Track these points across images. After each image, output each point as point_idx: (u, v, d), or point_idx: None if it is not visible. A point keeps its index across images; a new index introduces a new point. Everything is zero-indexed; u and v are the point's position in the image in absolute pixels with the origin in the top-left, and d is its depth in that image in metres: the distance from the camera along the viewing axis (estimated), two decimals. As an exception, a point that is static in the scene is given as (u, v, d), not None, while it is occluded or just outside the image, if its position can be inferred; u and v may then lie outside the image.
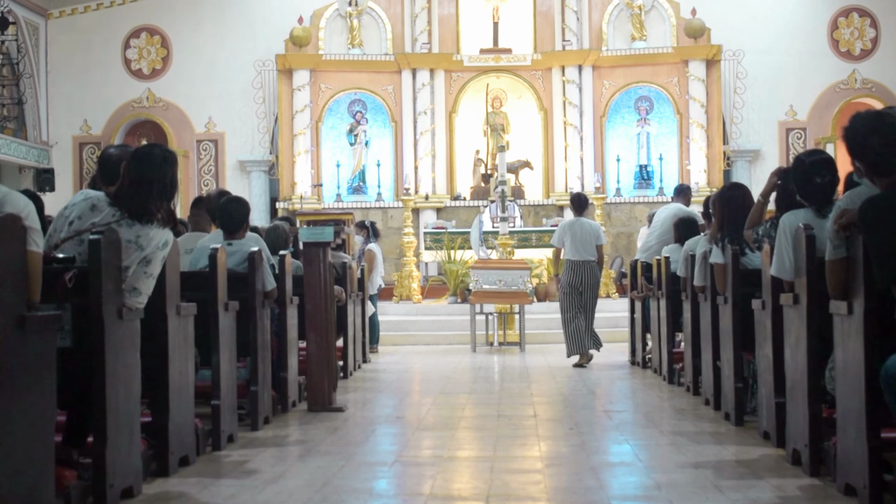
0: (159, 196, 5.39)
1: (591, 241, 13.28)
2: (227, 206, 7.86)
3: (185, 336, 5.99)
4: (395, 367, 13.56)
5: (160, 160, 5.46)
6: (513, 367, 13.41)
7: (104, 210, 5.34)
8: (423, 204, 22.57)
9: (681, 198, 13.47)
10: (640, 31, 23.00)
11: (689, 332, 9.55)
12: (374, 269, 15.78)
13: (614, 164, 22.93)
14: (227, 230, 7.83)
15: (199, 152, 23.69)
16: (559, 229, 13.62)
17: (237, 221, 7.84)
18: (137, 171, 5.38)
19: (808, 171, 6.15)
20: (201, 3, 23.69)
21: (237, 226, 7.83)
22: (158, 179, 5.40)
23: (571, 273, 13.20)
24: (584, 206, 13.69)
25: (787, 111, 23.57)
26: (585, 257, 13.23)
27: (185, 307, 5.95)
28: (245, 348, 7.45)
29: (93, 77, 23.51)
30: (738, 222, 7.56)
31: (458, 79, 23.29)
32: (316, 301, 8.39)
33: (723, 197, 7.92)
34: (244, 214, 7.91)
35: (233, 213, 7.84)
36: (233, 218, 7.83)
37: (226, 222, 7.83)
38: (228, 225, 7.83)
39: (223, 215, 7.85)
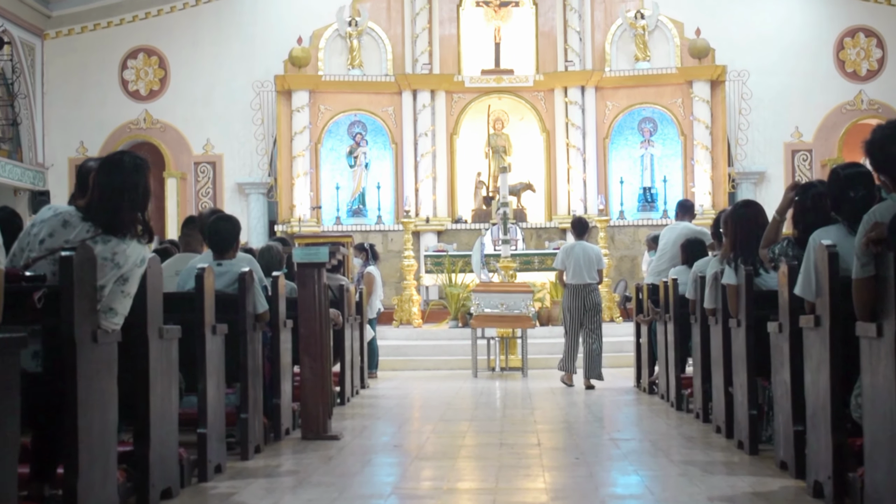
0: (131, 206, 5.05)
1: (592, 265, 13.55)
2: (216, 225, 7.52)
3: (169, 360, 5.64)
4: (394, 393, 13.21)
5: (131, 168, 5.13)
6: (515, 392, 13.07)
7: (77, 226, 5.00)
8: (424, 227, 22.23)
9: (686, 215, 13.12)
10: (644, 51, 22.71)
11: (698, 356, 9.21)
12: (373, 293, 15.46)
13: (618, 186, 22.61)
14: (216, 250, 7.50)
15: (197, 174, 23.37)
16: (561, 253, 13.80)
17: (227, 241, 7.49)
18: (107, 181, 5.05)
19: (842, 183, 5.80)
20: (200, 23, 23.42)
21: (227, 245, 7.49)
22: (130, 188, 5.07)
23: (573, 297, 13.49)
24: (585, 230, 13.99)
25: (793, 132, 23.26)
26: (587, 281, 13.47)
27: (169, 330, 5.61)
28: (235, 373, 7.11)
29: (89, 98, 23.22)
30: (752, 241, 7.23)
31: (459, 100, 22.98)
32: (310, 324, 8.05)
33: (735, 215, 7.58)
34: (234, 233, 7.56)
35: (222, 231, 7.50)
36: (222, 237, 7.49)
37: (215, 242, 7.49)
38: (218, 244, 7.49)
39: (212, 234, 7.52)
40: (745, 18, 23.27)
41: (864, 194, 5.77)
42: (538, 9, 23.15)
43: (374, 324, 15.59)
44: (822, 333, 5.37)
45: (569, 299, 13.52)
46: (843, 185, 5.81)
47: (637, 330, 13.20)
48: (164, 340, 5.52)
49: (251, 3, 23.48)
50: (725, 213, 8.06)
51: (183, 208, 22.66)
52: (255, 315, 7.38)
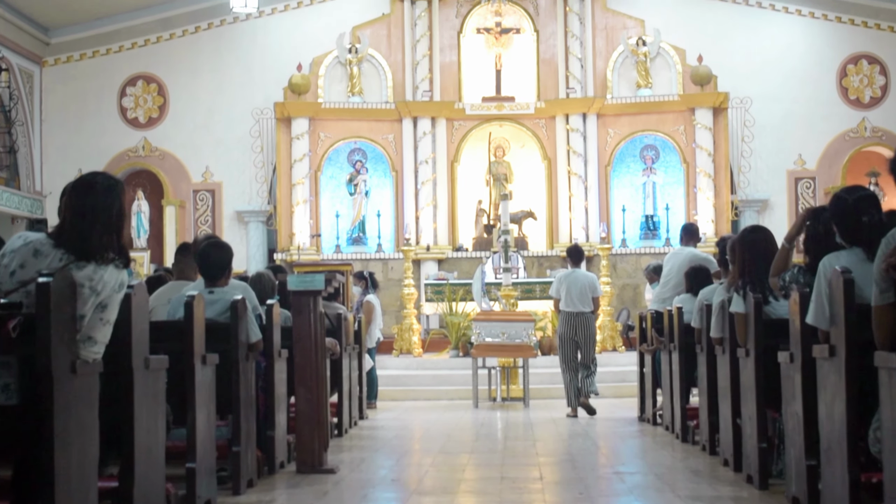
0: (104, 229, 4.81)
1: (586, 293, 13.60)
2: (207, 252, 7.30)
3: (155, 392, 5.41)
4: (393, 424, 12.96)
5: (104, 189, 4.89)
6: (516, 423, 12.82)
7: (49, 254, 4.76)
8: (425, 255, 22.01)
9: (691, 240, 12.87)
10: (646, 78, 22.55)
11: (704, 386, 8.97)
12: (373, 322, 15.24)
13: (620, 214, 22.39)
14: (208, 277, 7.27)
15: (196, 202, 23.17)
16: (556, 281, 13.91)
17: (218, 268, 7.27)
18: (79, 203, 4.83)
19: (853, 209, 5.60)
20: (199, 50, 23.29)
21: (219, 272, 7.27)
22: (103, 210, 4.83)
23: (566, 325, 13.54)
24: (581, 258, 14.21)
25: (796, 160, 23.07)
26: (581, 309, 13.52)
27: (155, 360, 5.37)
28: (227, 405, 6.88)
29: (88, 125, 23.07)
30: (761, 268, 7.01)
31: (459, 127, 22.80)
32: (306, 354, 7.82)
33: (744, 241, 7.35)
34: (226, 260, 7.34)
35: (213, 258, 7.28)
36: (213, 264, 7.26)
37: (206, 269, 7.27)
38: (209, 272, 7.27)
39: (202, 261, 7.29)
40: (748, 45, 23.13)
41: (878, 217, 5.58)
42: (539, 36, 23.02)
43: (373, 353, 15.36)
44: (837, 364, 5.15)
45: (562, 327, 13.61)
46: (854, 211, 5.62)
47: (640, 359, 12.96)
48: (150, 371, 5.29)
49: (251, 30, 23.36)
50: (733, 238, 7.83)
51: (181, 236, 22.44)
52: (249, 344, 7.15)
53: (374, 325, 15.31)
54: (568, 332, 13.48)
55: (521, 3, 23.12)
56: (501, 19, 23.11)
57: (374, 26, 22.99)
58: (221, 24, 23.37)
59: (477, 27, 23.22)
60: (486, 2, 23.03)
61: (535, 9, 23.16)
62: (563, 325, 13.55)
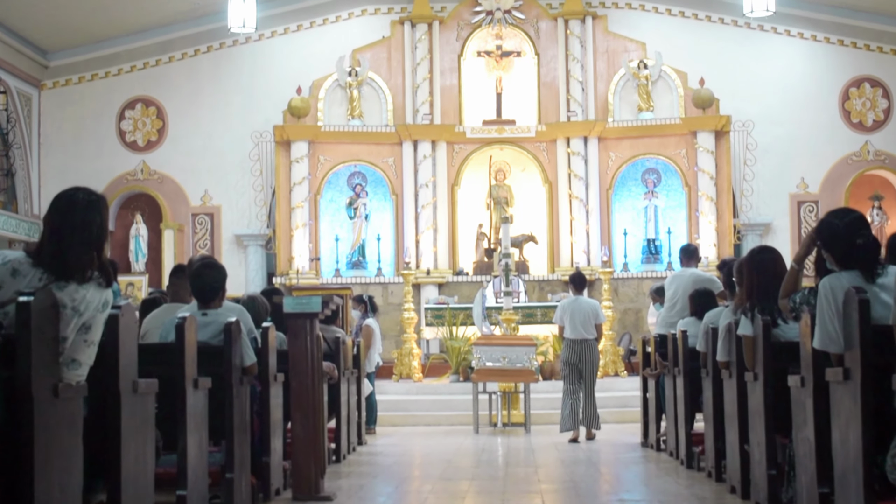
0: (84, 247, 4.63)
1: (590, 320, 13.73)
2: (200, 273, 7.11)
3: (144, 417, 5.22)
4: (392, 450, 12.74)
5: (84, 205, 4.71)
6: (518, 449, 12.62)
7: (28, 274, 4.57)
8: (425, 279, 21.82)
9: (691, 261, 12.70)
10: (647, 101, 22.41)
11: (710, 412, 8.77)
12: (372, 346, 15.05)
13: (621, 238, 22.20)
14: (201, 299, 7.08)
15: (195, 226, 23.00)
16: (559, 309, 13.99)
17: (211, 289, 7.08)
18: (58, 219, 4.65)
19: (845, 233, 5.48)
20: (198, 73, 23.16)
21: (212, 294, 7.08)
22: (82, 227, 4.65)
23: (570, 351, 13.67)
24: (584, 285, 14.17)
25: (799, 183, 22.90)
26: (584, 335, 13.66)
27: (144, 384, 5.19)
28: (220, 430, 6.68)
29: (86, 149, 22.90)
30: (770, 290, 6.82)
31: (460, 150, 22.64)
32: (302, 378, 7.62)
33: (752, 262, 7.17)
34: (220, 281, 7.15)
35: (206, 279, 7.09)
36: (206, 285, 7.07)
37: (199, 291, 7.08)
38: (202, 294, 7.08)
39: (195, 283, 7.11)
40: (750, 68, 22.99)
41: (872, 238, 5.48)
42: (540, 59, 22.89)
43: (372, 378, 15.16)
44: (851, 387, 4.96)
45: (566, 353, 13.71)
46: (846, 235, 5.52)
47: (644, 384, 12.77)
48: (138, 395, 5.10)
49: (250, 53, 23.24)
50: (740, 260, 7.64)
51: (180, 260, 22.16)
52: (243, 368, 6.97)
53: (373, 350, 15.11)
54: (571, 358, 13.60)
55: (522, 26, 23.00)
56: (502, 42, 23.00)
57: (375, 49, 22.87)
58: (221, 48, 23.25)
59: (477, 50, 23.09)
60: (486, 25, 22.93)
61: (535, 32, 23.04)
62: (567, 352, 13.67)
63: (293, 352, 7.67)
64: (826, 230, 5.64)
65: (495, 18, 22.90)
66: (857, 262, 5.43)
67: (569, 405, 13.48)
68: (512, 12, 22.92)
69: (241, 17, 19.28)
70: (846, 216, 5.65)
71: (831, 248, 5.60)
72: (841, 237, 5.53)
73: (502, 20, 22.90)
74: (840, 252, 5.54)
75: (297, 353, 7.64)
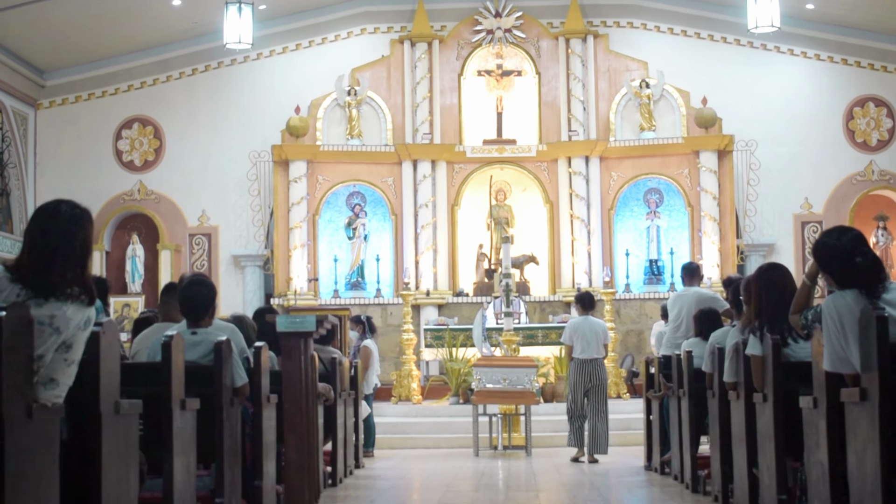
0: (64, 262, 4.40)
1: (599, 340, 13.80)
2: (188, 291, 6.87)
3: (127, 439, 4.98)
4: (390, 474, 12.48)
5: (67, 219, 4.49)
6: (518, 473, 12.36)
7: (5, 289, 4.36)
8: (424, 300, 21.57)
9: (694, 279, 12.46)
10: (649, 120, 22.21)
11: (716, 434, 8.52)
12: (370, 368, 14.80)
13: (623, 258, 21.99)
14: (189, 317, 6.84)
15: (192, 246, 22.78)
16: (568, 328, 13.99)
17: (201, 307, 6.84)
18: (40, 234, 4.44)
19: (844, 252, 5.30)
20: (196, 93, 22.99)
21: (201, 312, 6.84)
22: (65, 242, 4.42)
23: (580, 372, 13.65)
24: (592, 305, 14.09)
25: (802, 203, 22.69)
26: (594, 355, 13.70)
27: (127, 405, 4.95)
28: (209, 453, 6.43)
29: (82, 168, 22.69)
30: (779, 308, 6.59)
31: (460, 170, 22.43)
32: (295, 399, 7.39)
33: (760, 279, 6.94)
34: (209, 299, 6.91)
35: (195, 297, 6.85)
36: (195, 303, 6.83)
37: (188, 309, 6.84)
38: (191, 312, 6.84)
39: (183, 301, 6.87)
40: (753, 88, 22.82)
41: (872, 256, 5.30)
42: (541, 78, 22.72)
43: (370, 400, 14.91)
44: (869, 408, 4.73)
45: (576, 374, 13.68)
46: (846, 253, 5.36)
47: (647, 406, 12.51)
48: (120, 416, 4.86)
49: (248, 72, 23.07)
50: (748, 277, 7.41)
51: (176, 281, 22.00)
52: (234, 388, 6.72)
53: (371, 371, 14.86)
54: (581, 379, 13.61)
55: (523, 45, 22.85)
56: (503, 61, 22.85)
57: (374, 68, 22.70)
58: (219, 67, 23.09)
59: (478, 69, 22.93)
60: (487, 44, 22.79)
61: (536, 51, 22.88)
62: (577, 373, 13.65)
63: (286, 372, 7.43)
64: (822, 251, 5.48)
65: (496, 37, 22.76)
66: (858, 281, 5.26)
67: (576, 426, 13.57)
68: (512, 31, 22.77)
69: (236, 33, 19.08)
70: (843, 235, 5.48)
71: (829, 268, 5.44)
72: (839, 257, 5.37)
73: (503, 39, 22.75)
74: (839, 272, 5.37)
75: (291, 373, 7.40)
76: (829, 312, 5.19)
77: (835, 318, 5.14)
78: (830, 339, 5.11)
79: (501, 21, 22.72)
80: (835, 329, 5.12)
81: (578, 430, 13.60)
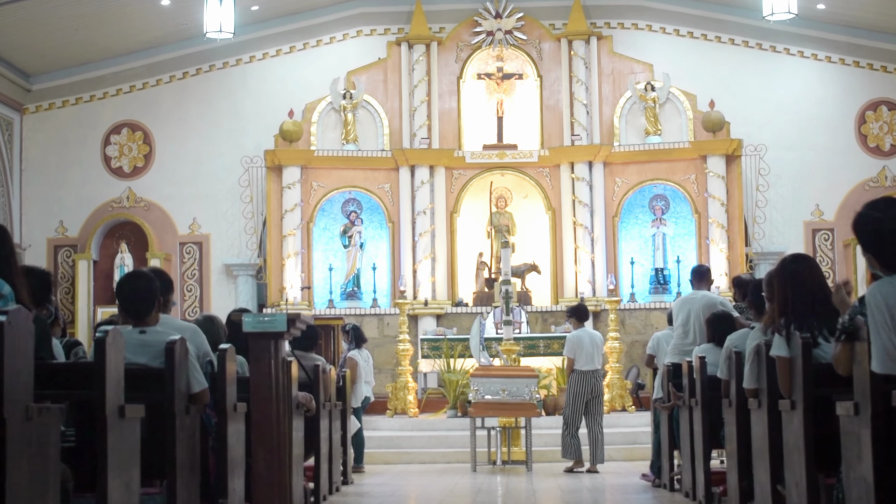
0: None
1: (599, 351, 13.98)
2: (123, 285, 6.09)
3: (42, 451, 4.20)
4: (380, 490, 11.70)
5: None
6: (518, 490, 11.60)
7: None
8: (422, 310, 20.82)
9: (703, 283, 11.72)
10: (655, 125, 21.48)
11: (734, 446, 7.73)
12: (358, 379, 14.02)
13: (628, 267, 21.24)
14: (132, 316, 6.05)
15: (183, 255, 22.04)
16: (571, 341, 13.87)
17: (141, 301, 6.04)
18: None
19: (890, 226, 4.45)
20: (187, 97, 22.28)
21: (143, 307, 6.04)
22: None
23: (584, 383, 13.64)
24: (588, 315, 14.52)
25: (813, 210, 21.93)
26: (596, 367, 13.82)
27: (42, 410, 4.17)
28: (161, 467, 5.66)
29: (70, 175, 21.99)
30: (806, 303, 5.84)
31: (459, 176, 21.69)
32: (264, 408, 6.60)
33: (784, 272, 6.15)
34: (146, 291, 6.08)
35: (130, 292, 6.05)
36: (134, 299, 6.04)
37: (127, 306, 6.05)
38: (130, 308, 6.04)
39: (121, 298, 6.09)
40: (762, 91, 22.10)
41: None
42: (543, 81, 22.00)
43: (359, 413, 14.15)
44: (928, 414, 3.95)
45: (578, 385, 13.63)
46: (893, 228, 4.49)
47: (655, 418, 11.73)
48: (33, 423, 4.09)
49: (241, 75, 22.37)
50: (770, 272, 6.60)
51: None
52: (190, 395, 5.95)
53: (358, 384, 14.10)
54: (584, 390, 13.60)
55: (524, 47, 22.14)
56: (503, 64, 22.11)
57: (370, 71, 21.99)
58: (210, 70, 22.39)
59: (478, 72, 22.19)
60: (487, 46, 22.08)
61: (538, 53, 22.17)
62: (580, 384, 13.61)
63: (255, 377, 6.64)
64: (865, 225, 4.64)
65: (496, 39, 22.05)
66: None
67: (576, 437, 13.49)
68: (513, 33, 22.06)
69: (217, 22, 18.36)
70: (891, 208, 4.65)
71: (875, 248, 4.59)
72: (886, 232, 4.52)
73: (503, 41, 22.03)
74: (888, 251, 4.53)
75: (260, 378, 6.62)
76: (875, 302, 4.41)
77: (882, 308, 4.37)
78: (879, 334, 4.34)
79: (502, 22, 22.00)
80: (883, 322, 4.35)
81: (577, 440, 13.52)
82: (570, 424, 13.49)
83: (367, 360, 14.94)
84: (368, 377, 14.72)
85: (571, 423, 13.48)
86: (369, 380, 14.77)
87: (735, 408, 7.56)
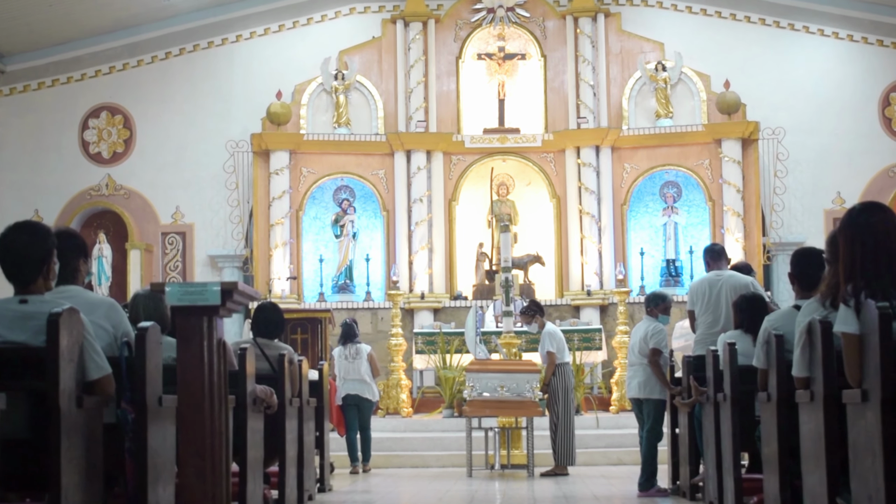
0: None
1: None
2: (5, 241, 4.77)
3: None
4: (359, 499, 10.44)
5: None
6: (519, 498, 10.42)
7: None
8: (419, 304, 19.65)
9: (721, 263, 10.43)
10: (666, 107, 20.35)
11: (773, 449, 6.39)
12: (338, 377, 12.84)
13: (637, 258, 20.15)
14: (15, 280, 4.74)
15: (165, 246, 20.92)
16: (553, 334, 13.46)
17: (24, 259, 4.72)
18: None
19: None
20: (169, 78, 21.16)
21: (27, 270, 4.71)
22: None
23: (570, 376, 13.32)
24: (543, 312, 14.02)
25: (834, 198, 20.77)
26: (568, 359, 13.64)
27: None
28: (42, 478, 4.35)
29: (46, 161, 20.96)
30: (881, 265, 4.51)
31: (458, 162, 20.61)
32: (194, 401, 5.29)
33: (853, 225, 4.78)
34: (38, 250, 4.75)
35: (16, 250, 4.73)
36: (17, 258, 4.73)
37: (7, 266, 4.74)
38: (13, 270, 4.73)
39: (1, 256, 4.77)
40: (780, 71, 21.07)
41: None
42: (547, 61, 20.92)
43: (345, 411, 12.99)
44: None
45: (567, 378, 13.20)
46: None
47: (673, 417, 10.45)
48: None
49: (227, 55, 21.30)
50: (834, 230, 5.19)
51: (147, 283, 20.07)
52: (85, 382, 4.64)
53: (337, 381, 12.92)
54: (571, 382, 13.30)
55: (527, 25, 21.04)
56: (505, 44, 21.07)
57: (364, 51, 20.96)
58: (194, 50, 21.32)
59: (478, 52, 21.19)
60: (487, 24, 21.04)
61: (542, 32, 21.03)
62: (569, 377, 13.24)
63: (182, 364, 5.31)
64: None
65: (497, 17, 21.01)
66: None
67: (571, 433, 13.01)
68: (515, 10, 21.06)
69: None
70: None
71: None
72: None
73: (505, 19, 20.98)
74: None
75: (188, 365, 5.29)
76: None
77: None
78: None
79: (503, -1, 20.85)
80: None
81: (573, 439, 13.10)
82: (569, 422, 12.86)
83: (355, 358, 13.70)
84: (349, 374, 13.53)
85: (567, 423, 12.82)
86: (349, 377, 13.53)
87: (775, 402, 6.23)
